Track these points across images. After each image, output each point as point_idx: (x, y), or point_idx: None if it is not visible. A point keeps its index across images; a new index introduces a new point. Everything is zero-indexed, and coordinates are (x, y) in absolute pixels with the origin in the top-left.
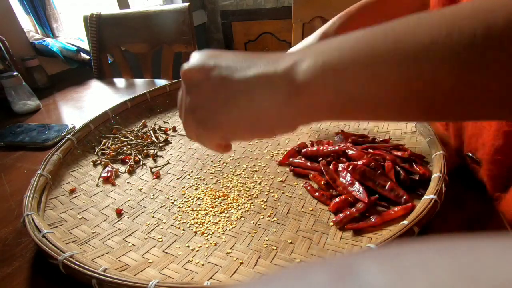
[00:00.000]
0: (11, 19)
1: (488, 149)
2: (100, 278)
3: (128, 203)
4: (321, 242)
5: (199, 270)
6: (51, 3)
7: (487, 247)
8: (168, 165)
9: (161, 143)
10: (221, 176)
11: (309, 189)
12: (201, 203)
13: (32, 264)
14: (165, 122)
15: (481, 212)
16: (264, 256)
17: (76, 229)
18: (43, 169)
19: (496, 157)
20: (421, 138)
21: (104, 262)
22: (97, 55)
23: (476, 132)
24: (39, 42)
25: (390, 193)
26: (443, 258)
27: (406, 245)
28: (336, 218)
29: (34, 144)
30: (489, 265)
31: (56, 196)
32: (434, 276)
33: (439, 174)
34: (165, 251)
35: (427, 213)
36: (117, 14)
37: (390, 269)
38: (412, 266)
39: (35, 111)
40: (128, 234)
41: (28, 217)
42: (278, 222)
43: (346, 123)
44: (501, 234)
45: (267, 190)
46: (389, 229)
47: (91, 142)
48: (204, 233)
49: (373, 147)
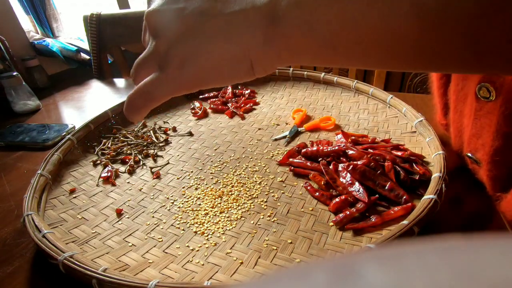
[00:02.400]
0: (11, 19)
1: (488, 150)
2: (100, 278)
3: (128, 203)
4: (321, 242)
5: (199, 270)
6: (51, 3)
7: (487, 247)
8: (168, 165)
9: (161, 143)
10: (221, 176)
11: (309, 189)
12: (201, 203)
13: (32, 264)
14: (165, 122)
15: (481, 212)
16: (264, 256)
17: (76, 229)
18: (43, 169)
19: (496, 158)
20: (421, 138)
21: (104, 262)
22: (97, 55)
23: (476, 132)
24: (39, 42)
25: (390, 193)
26: (443, 258)
27: (406, 245)
28: (336, 218)
29: (34, 144)
30: (489, 265)
31: (56, 196)
32: (434, 276)
33: (439, 174)
34: (165, 251)
35: (427, 213)
36: (117, 14)
37: (390, 269)
38: (412, 266)
39: (35, 111)
40: (128, 234)
41: (28, 217)
42: (278, 222)
43: (346, 123)
44: (501, 234)
45: (267, 190)
46: (389, 229)
47: (91, 142)
48: (204, 233)
49: (373, 147)
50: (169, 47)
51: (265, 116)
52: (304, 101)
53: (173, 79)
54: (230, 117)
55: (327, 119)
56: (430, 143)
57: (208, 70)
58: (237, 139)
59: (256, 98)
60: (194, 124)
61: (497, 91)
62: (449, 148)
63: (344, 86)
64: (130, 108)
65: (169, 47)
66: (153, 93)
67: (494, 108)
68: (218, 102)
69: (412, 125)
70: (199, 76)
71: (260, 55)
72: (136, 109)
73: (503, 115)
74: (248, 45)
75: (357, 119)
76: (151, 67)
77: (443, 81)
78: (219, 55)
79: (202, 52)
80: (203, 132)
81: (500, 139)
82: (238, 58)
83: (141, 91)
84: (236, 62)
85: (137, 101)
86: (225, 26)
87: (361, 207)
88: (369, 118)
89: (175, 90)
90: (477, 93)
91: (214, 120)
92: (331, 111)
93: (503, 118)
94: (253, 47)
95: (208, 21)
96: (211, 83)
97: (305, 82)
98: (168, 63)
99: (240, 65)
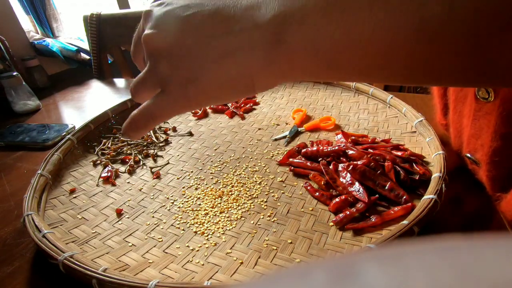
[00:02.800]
0: (11, 19)
1: (487, 150)
2: (100, 278)
3: (128, 203)
4: (321, 242)
5: (199, 270)
6: (51, 3)
7: (487, 247)
8: (168, 165)
9: (161, 143)
10: (221, 176)
11: (309, 189)
12: (201, 203)
13: (32, 264)
14: (165, 122)
15: (481, 212)
16: (264, 256)
17: (76, 229)
18: (43, 169)
19: (495, 158)
20: (421, 138)
21: (104, 262)
22: (97, 55)
23: (475, 133)
24: (39, 42)
25: (390, 193)
26: (443, 258)
27: (406, 245)
28: (336, 218)
29: (34, 144)
30: (490, 265)
31: (56, 196)
32: (435, 276)
33: (439, 174)
34: (165, 251)
35: (427, 213)
36: (117, 14)
37: (390, 269)
38: (413, 266)
39: (35, 111)
40: (128, 234)
41: (28, 217)
42: (278, 222)
43: (346, 123)
44: (501, 234)
45: (267, 190)
46: (389, 229)
47: (91, 142)
48: (204, 233)
49: (373, 147)
50: (171, 69)
51: (265, 116)
52: (304, 101)
53: (176, 100)
54: (230, 117)
55: (327, 119)
56: (430, 143)
57: (211, 90)
58: (237, 139)
59: (256, 98)
60: (194, 124)
61: (495, 92)
62: (449, 148)
63: (344, 86)
64: (132, 127)
65: (171, 69)
66: (155, 113)
67: (493, 109)
68: None
69: (412, 125)
70: (202, 96)
71: (263, 75)
72: (139, 128)
73: (501, 115)
74: (251, 66)
75: (357, 119)
76: (151, 87)
77: None
78: (222, 77)
79: (204, 74)
80: (203, 132)
81: (498, 140)
82: (241, 78)
83: (145, 111)
84: (238, 82)
85: (141, 122)
86: (227, 47)
87: (361, 207)
88: (369, 118)
89: (178, 111)
90: (476, 94)
91: (214, 120)
92: (331, 111)
93: (501, 119)
94: (256, 68)
95: (209, 43)
96: (213, 102)
97: (305, 82)
98: (171, 84)
99: (243, 85)
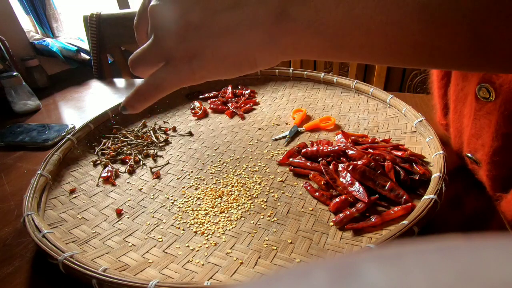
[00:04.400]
0: (11, 19)
1: (487, 150)
2: (100, 278)
3: (128, 203)
4: (321, 242)
5: (199, 270)
6: (51, 3)
7: (487, 247)
8: (168, 165)
9: (161, 143)
10: (221, 176)
11: (309, 189)
12: (201, 203)
13: (32, 264)
14: (165, 122)
15: (481, 212)
16: (264, 256)
17: (76, 229)
18: (43, 169)
19: (495, 158)
20: (421, 138)
21: (104, 262)
22: (97, 55)
23: (476, 132)
24: (39, 42)
25: (390, 193)
26: (444, 258)
27: (406, 245)
28: (336, 218)
29: (34, 144)
30: (490, 265)
31: (56, 196)
32: (435, 276)
33: (439, 174)
34: (165, 251)
35: (427, 213)
36: (117, 14)
37: (390, 269)
38: (413, 266)
39: (35, 111)
40: (128, 234)
41: (28, 217)
42: (278, 222)
43: (346, 123)
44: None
45: (267, 190)
46: (389, 229)
47: (91, 142)
48: (204, 233)
49: (373, 147)
50: (177, 42)
51: (265, 116)
52: (304, 101)
53: (181, 71)
54: (230, 117)
55: (327, 119)
56: (430, 143)
57: (215, 64)
58: (237, 139)
59: (256, 98)
60: (194, 124)
61: (496, 92)
62: (449, 148)
63: (344, 86)
64: (139, 98)
65: (176, 42)
66: (162, 85)
67: (494, 109)
68: (218, 102)
69: (412, 125)
70: (206, 69)
71: (265, 52)
72: (145, 99)
73: (503, 115)
74: (254, 42)
75: (357, 119)
76: (154, 59)
77: (443, 82)
78: (226, 51)
79: (209, 47)
80: (203, 132)
81: (499, 140)
82: (244, 54)
83: (151, 82)
84: (241, 57)
85: (147, 93)
86: (232, 22)
87: (361, 207)
88: (369, 118)
89: (183, 82)
90: (477, 94)
91: (214, 120)
92: (331, 111)
93: (502, 119)
94: (259, 44)
95: (215, 17)
96: (216, 76)
97: (305, 82)
98: (176, 56)
99: (245, 60)
